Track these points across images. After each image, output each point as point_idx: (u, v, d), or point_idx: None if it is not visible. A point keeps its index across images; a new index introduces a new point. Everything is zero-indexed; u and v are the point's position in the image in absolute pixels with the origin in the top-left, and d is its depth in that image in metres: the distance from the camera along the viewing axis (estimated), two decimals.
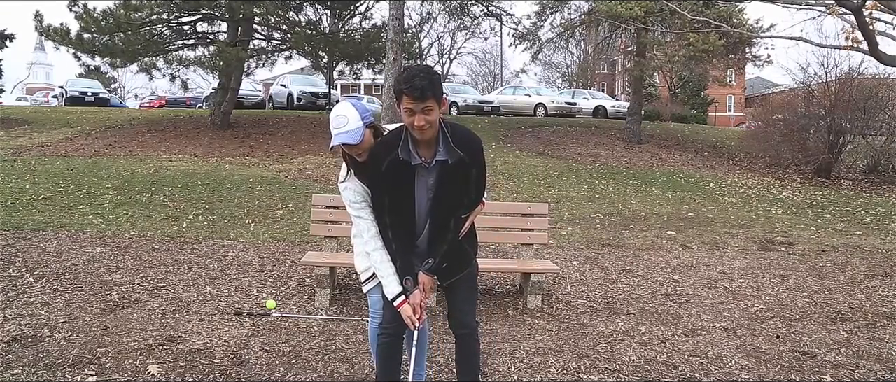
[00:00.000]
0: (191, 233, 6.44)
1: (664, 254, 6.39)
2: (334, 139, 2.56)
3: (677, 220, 8.33)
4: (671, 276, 5.53)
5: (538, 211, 4.86)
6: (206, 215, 7.36)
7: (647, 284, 5.27)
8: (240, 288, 4.78)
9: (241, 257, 5.65)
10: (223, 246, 6.03)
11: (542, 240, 4.91)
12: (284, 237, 6.50)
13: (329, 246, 4.73)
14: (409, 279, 2.55)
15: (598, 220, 8.22)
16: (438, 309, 4.32)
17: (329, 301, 4.46)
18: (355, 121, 2.57)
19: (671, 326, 4.23)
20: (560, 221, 7.99)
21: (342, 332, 3.95)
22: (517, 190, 10.42)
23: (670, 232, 7.48)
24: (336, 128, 2.56)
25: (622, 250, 6.52)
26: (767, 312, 4.55)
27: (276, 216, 7.55)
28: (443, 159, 2.46)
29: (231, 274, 5.12)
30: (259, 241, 6.28)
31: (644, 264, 5.96)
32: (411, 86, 2.34)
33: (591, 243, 6.80)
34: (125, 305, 4.26)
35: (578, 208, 9.07)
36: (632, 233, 7.40)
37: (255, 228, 6.86)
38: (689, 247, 6.72)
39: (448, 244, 2.55)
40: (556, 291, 5.01)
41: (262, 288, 4.79)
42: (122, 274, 4.93)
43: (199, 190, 8.92)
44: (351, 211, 2.69)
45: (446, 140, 2.46)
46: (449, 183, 2.48)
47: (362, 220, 2.65)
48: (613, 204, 9.54)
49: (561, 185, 11.12)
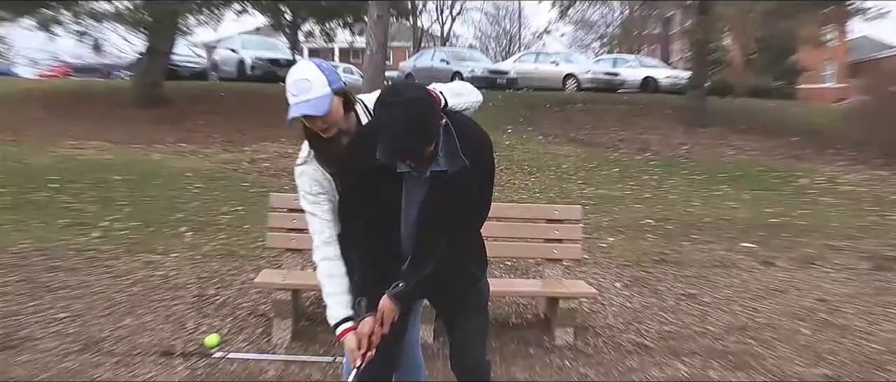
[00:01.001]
0: (104, 246, 6.41)
1: (739, 274, 6.35)
2: (292, 109, 2.55)
3: (756, 228, 8.29)
4: (749, 304, 5.49)
5: (569, 215, 4.83)
6: (125, 221, 7.33)
7: (716, 314, 5.23)
8: (170, 319, 4.73)
9: (173, 278, 5.61)
10: (148, 262, 5.99)
11: (575, 255, 4.85)
12: (232, 250, 6.47)
13: (292, 263, 4.70)
14: (362, 300, 2.55)
15: (649, 228, 8.18)
16: (437, 347, 4.28)
17: (291, 336, 4.42)
18: (320, 87, 2.56)
19: (751, 372, 4.19)
20: (598, 229, 7.95)
21: (307, 378, 3.93)
22: (541, 188, 10.38)
23: (747, 245, 7.44)
24: (295, 96, 2.56)
25: (682, 268, 6.49)
26: (888, 355, 4.49)
27: (222, 222, 7.51)
28: (441, 169, 2.46)
29: (159, 300, 5.07)
30: (197, 256, 6.24)
31: (712, 287, 5.92)
32: (399, 154, 2.37)
33: (639, 258, 6.76)
34: (9, 344, 4.20)
35: (622, 212, 9.03)
36: (694, 246, 7.36)
37: (192, 239, 6.82)
38: (773, 265, 6.69)
39: (433, 274, 2.55)
40: (594, 323, 4.97)
41: (201, 320, 4.74)
42: (6, 302, 4.88)
43: (117, 187, 8.88)
44: (304, 205, 2.70)
45: (452, 145, 2.46)
46: (446, 200, 2.50)
47: (316, 219, 2.67)
48: (669, 206, 9.51)
49: (599, 182, 11.07)
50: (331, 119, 2.58)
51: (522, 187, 10.39)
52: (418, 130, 2.29)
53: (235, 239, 6.89)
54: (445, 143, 2.46)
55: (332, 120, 2.58)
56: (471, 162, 2.45)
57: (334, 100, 2.57)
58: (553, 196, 9.83)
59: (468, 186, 2.51)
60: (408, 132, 2.28)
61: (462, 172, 2.46)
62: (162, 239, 6.75)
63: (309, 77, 2.56)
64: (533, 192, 10.04)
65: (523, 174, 11.31)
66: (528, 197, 9.64)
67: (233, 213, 7.94)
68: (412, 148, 2.33)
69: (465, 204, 2.54)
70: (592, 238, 7.48)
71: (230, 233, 7.09)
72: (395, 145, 2.32)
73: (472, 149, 2.47)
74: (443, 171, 2.46)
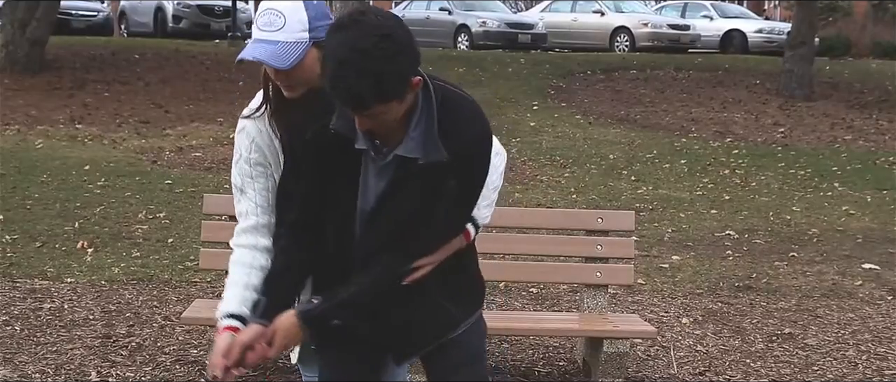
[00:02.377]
0: None
1: (857, 307, 6.35)
2: (248, 47, 2.58)
3: (883, 243, 8.30)
4: (872, 348, 5.49)
5: (618, 224, 4.85)
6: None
7: (824, 362, 5.24)
8: (65, 368, 4.75)
9: (69, 311, 5.62)
10: (33, 291, 6.00)
11: (626, 279, 4.90)
12: (151, 274, 6.50)
13: None
14: (262, 300, 2.58)
15: (729, 242, 8.20)
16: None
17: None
18: (296, 29, 2.56)
19: None
20: (657, 244, 7.98)
21: None
22: (578, 186, 10.42)
23: (870, 266, 7.46)
24: (260, 30, 2.57)
25: (776, 298, 6.50)
26: None
27: (136, 234, 7.55)
28: (409, 156, 2.44)
29: (48, 343, 5.09)
30: (102, 282, 6.26)
31: (819, 325, 5.92)
32: (337, 92, 2.32)
33: (715, 284, 6.78)
34: None
35: (692, 220, 9.07)
36: (794, 267, 7.38)
37: (94, 258, 6.85)
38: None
39: (362, 292, 2.54)
40: (653, 373, 4.99)
41: (109, 370, 4.76)
42: None
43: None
44: (235, 175, 2.72)
45: (429, 125, 2.43)
46: (409, 199, 2.49)
47: (245, 198, 2.70)
48: (758, 212, 9.53)
49: (658, 178, 11.10)
50: (298, 75, 2.57)
51: (553, 186, 10.41)
52: (370, 68, 2.24)
53: (155, 257, 6.91)
54: (422, 122, 2.44)
55: (299, 76, 2.57)
56: (452, 158, 2.42)
57: (310, 54, 2.56)
58: (596, 198, 9.83)
59: (440, 190, 2.47)
60: (354, 65, 2.24)
61: (437, 168, 2.43)
62: (52, 259, 6.75)
63: (285, 10, 2.57)
64: (567, 193, 10.05)
65: (554, 168, 11.33)
66: (560, 200, 9.64)
67: (151, 222, 7.96)
68: (356, 91, 2.26)
69: (430, 212, 2.50)
70: (650, 256, 7.49)
71: (147, 250, 7.11)
72: (334, 81, 2.27)
73: (457, 140, 2.43)
74: (411, 159, 2.44)
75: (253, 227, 2.69)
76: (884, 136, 14.46)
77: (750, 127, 14.61)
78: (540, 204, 9.26)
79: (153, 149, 11.25)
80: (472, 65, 18.11)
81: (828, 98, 16.97)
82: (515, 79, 16.88)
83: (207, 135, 12.11)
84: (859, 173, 11.81)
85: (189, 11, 23.69)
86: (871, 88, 18.15)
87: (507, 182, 9.61)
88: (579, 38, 24.11)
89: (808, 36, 17.29)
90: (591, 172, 11.17)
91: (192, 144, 11.61)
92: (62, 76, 15.30)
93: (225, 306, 2.65)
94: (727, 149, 13.00)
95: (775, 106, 16.03)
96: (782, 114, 15.50)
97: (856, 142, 14.03)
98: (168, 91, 14.84)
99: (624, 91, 16.74)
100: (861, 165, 12.29)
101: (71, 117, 12.88)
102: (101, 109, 13.49)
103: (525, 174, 10.91)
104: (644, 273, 6.82)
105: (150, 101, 14.09)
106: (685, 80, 17.73)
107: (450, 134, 2.43)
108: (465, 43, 22.87)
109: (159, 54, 17.59)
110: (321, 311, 2.53)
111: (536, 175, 10.89)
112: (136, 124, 12.68)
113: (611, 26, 24.22)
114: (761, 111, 15.64)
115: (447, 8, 23.69)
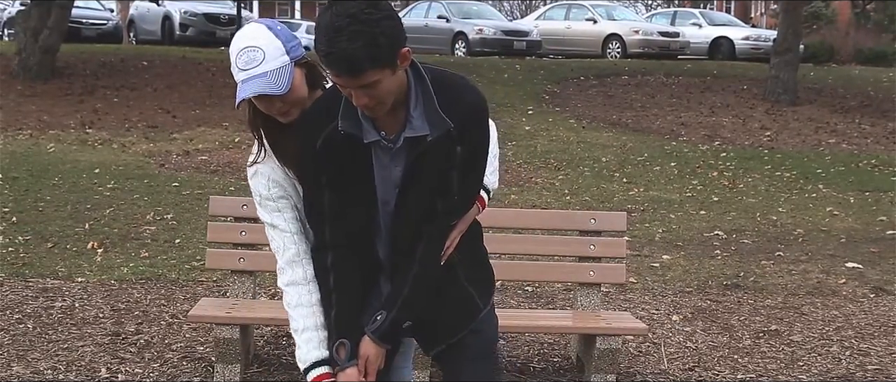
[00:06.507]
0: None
1: (841, 304, 6.38)
2: (242, 87, 2.57)
3: (866, 243, 8.33)
4: (855, 344, 5.51)
5: (610, 225, 4.86)
6: (10, 235, 7.36)
7: (809, 358, 5.26)
8: (76, 364, 4.76)
9: (79, 309, 5.64)
10: (45, 290, 6.01)
11: (618, 278, 4.90)
12: (159, 273, 6.51)
13: (239, 289, 4.73)
14: (343, 344, 2.58)
15: (718, 242, 8.23)
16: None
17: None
18: (275, 56, 2.58)
19: None
20: (648, 243, 8.00)
21: None
22: (572, 188, 10.43)
23: (853, 265, 7.48)
24: (244, 70, 2.58)
25: (762, 296, 6.53)
26: None
27: (144, 235, 7.55)
28: (417, 135, 2.48)
29: (60, 339, 5.10)
30: (112, 281, 6.27)
31: (804, 322, 5.95)
32: (331, 58, 2.35)
33: (704, 283, 6.80)
34: None
35: (682, 220, 9.09)
36: (779, 266, 7.41)
37: (104, 258, 6.86)
38: (888, 293, 6.71)
39: (418, 281, 2.58)
40: (644, 368, 5.01)
41: (118, 367, 4.77)
42: None
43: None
44: (262, 214, 2.74)
45: (428, 101, 2.47)
46: (428, 175, 2.52)
47: (278, 232, 2.70)
48: (745, 213, 9.55)
49: (650, 180, 11.12)
50: (292, 97, 2.59)
51: (548, 188, 10.42)
52: (360, 30, 2.29)
53: (163, 257, 6.92)
54: (419, 101, 2.48)
55: (293, 98, 2.59)
56: (457, 127, 2.47)
57: (296, 74, 2.59)
58: (589, 199, 9.85)
59: (453, 159, 2.52)
60: (346, 30, 2.29)
61: (445, 140, 2.47)
62: (63, 259, 6.76)
63: (260, 43, 2.58)
64: (561, 194, 10.07)
65: (549, 170, 11.33)
66: (555, 201, 9.66)
67: (159, 223, 7.97)
68: (350, 53, 2.30)
69: (449, 184, 2.55)
70: (641, 255, 7.51)
71: (155, 250, 7.12)
72: (329, 48, 2.31)
73: (458, 110, 2.48)
74: (421, 137, 2.48)
75: (294, 257, 2.68)
76: (866, 140, 14.50)
77: (737, 130, 14.63)
78: (535, 205, 9.27)
79: (161, 153, 11.25)
80: (469, 72, 18.04)
81: (812, 103, 17.00)
82: (511, 85, 16.88)
83: (213, 138, 12.12)
84: (843, 175, 11.84)
85: (195, 20, 23.71)
86: (854, 93, 18.20)
87: (503, 184, 9.63)
88: (573, 45, 24.13)
89: (793, 43, 17.32)
90: (585, 174, 11.18)
91: (198, 148, 11.61)
92: (73, 82, 15.31)
93: (306, 355, 2.64)
94: (715, 152, 13.02)
95: (762, 110, 16.05)
96: (768, 119, 15.53)
97: (839, 145, 14.06)
98: (175, 96, 14.84)
99: (616, 96, 16.76)
100: (844, 168, 12.33)
101: (81, 122, 12.88)
102: (110, 114, 13.50)
103: (520, 176, 10.92)
104: (635, 272, 6.85)
105: (158, 106, 14.09)
106: (675, 86, 17.75)
107: (449, 105, 2.48)
108: (462, 50, 22.88)
109: (167, 61, 17.60)
110: (390, 323, 2.60)
111: (531, 177, 10.89)
112: (144, 128, 12.68)
113: (603, 33, 24.25)
114: (748, 115, 15.67)
115: (445, 16, 23.71)
